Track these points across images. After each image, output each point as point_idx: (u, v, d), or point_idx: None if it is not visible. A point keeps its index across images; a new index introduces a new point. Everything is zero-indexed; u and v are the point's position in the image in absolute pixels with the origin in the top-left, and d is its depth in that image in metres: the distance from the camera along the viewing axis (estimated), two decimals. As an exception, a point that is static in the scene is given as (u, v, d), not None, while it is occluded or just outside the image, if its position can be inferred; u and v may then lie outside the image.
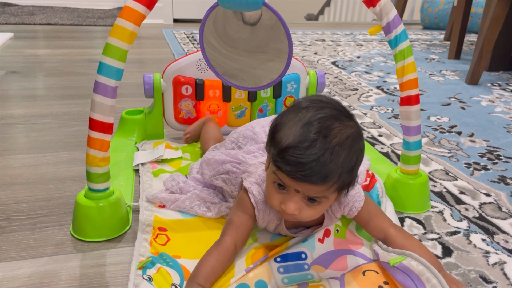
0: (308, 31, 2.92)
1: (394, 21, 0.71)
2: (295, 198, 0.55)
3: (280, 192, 0.56)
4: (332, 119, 0.53)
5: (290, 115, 0.55)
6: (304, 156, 0.51)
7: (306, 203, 0.55)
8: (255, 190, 0.63)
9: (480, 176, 0.95)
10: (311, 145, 0.51)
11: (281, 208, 0.56)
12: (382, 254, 0.61)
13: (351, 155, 0.53)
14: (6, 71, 1.64)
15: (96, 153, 0.65)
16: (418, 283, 0.54)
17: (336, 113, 0.54)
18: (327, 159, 0.51)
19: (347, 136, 0.53)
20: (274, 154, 0.54)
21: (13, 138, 1.06)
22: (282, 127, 0.54)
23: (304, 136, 0.51)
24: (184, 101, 1.03)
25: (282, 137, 0.53)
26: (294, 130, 0.52)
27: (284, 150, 0.52)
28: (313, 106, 0.54)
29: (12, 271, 0.61)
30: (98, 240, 0.69)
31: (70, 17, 2.94)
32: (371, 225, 0.64)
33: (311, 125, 0.52)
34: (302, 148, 0.51)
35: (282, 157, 0.52)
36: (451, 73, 1.90)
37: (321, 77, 1.10)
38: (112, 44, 0.62)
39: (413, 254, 0.57)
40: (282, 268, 0.59)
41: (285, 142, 0.52)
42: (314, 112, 0.53)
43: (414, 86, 0.74)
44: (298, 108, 0.55)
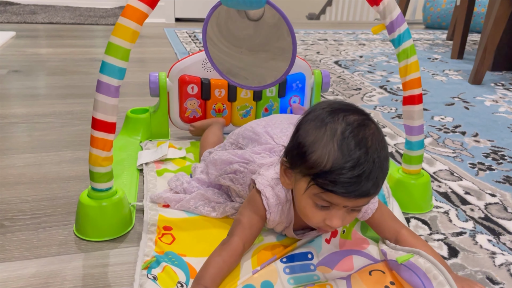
0: (310, 30, 2.91)
1: (398, 20, 0.70)
2: (340, 213, 0.54)
3: (322, 210, 0.55)
4: (360, 127, 0.52)
5: (315, 132, 0.53)
6: (355, 175, 0.50)
7: (348, 212, 0.55)
8: (268, 193, 0.62)
9: (485, 176, 0.95)
10: (357, 163, 0.50)
11: (324, 224, 0.55)
12: (390, 252, 0.60)
13: (386, 153, 0.54)
14: (8, 70, 1.64)
15: (99, 153, 0.65)
16: (425, 280, 0.54)
17: (361, 119, 0.53)
18: (377, 170, 0.51)
19: (378, 139, 0.53)
20: (316, 177, 0.52)
21: (16, 137, 1.06)
22: (313, 147, 0.52)
23: (346, 154, 0.50)
24: (189, 100, 1.03)
25: (320, 159, 0.51)
26: (330, 149, 0.51)
27: (329, 173, 0.50)
28: (335, 116, 0.53)
29: (16, 271, 0.61)
30: (101, 240, 0.69)
31: (72, 16, 2.94)
32: (383, 227, 0.64)
33: (347, 140, 0.51)
34: (350, 168, 0.50)
35: (330, 180, 0.51)
36: (454, 72, 1.90)
37: (326, 77, 1.09)
38: (114, 43, 0.62)
39: (420, 252, 0.57)
40: (288, 268, 0.59)
41: (328, 164, 0.50)
42: (341, 124, 0.52)
43: (417, 86, 0.73)
44: (321, 121, 0.53)
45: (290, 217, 0.64)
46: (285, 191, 0.63)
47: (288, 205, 0.63)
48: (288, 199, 0.63)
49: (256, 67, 0.82)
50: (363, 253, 0.63)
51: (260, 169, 0.68)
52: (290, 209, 0.63)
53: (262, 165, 0.69)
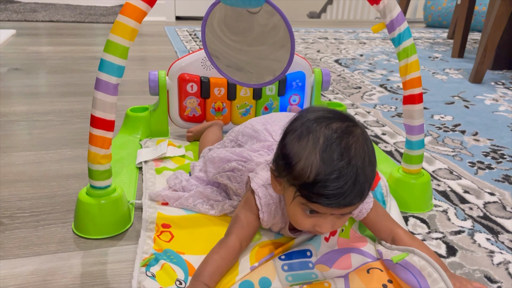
0: (311, 29, 2.91)
1: (398, 19, 0.70)
2: (329, 219, 0.54)
3: (311, 217, 0.55)
4: (344, 135, 0.52)
5: (299, 143, 0.53)
6: (339, 186, 0.50)
7: (337, 217, 0.55)
8: (261, 193, 0.62)
9: (484, 175, 0.95)
10: (340, 174, 0.50)
11: (314, 229, 0.56)
12: (385, 252, 0.60)
13: (372, 159, 0.53)
14: (9, 68, 1.64)
15: (97, 151, 0.65)
16: (420, 278, 0.54)
17: (345, 127, 0.53)
18: (361, 179, 0.51)
19: (362, 145, 0.52)
20: (301, 188, 0.52)
21: (16, 135, 1.06)
22: (297, 157, 0.52)
23: (329, 165, 0.50)
24: (189, 99, 1.03)
25: (303, 170, 0.51)
26: (313, 160, 0.51)
27: (313, 184, 0.50)
28: (319, 126, 0.53)
29: (15, 269, 0.61)
30: (100, 238, 0.69)
31: (72, 14, 2.94)
32: (378, 227, 0.64)
33: (330, 150, 0.50)
34: (333, 179, 0.50)
35: (314, 192, 0.51)
36: (454, 71, 1.90)
37: (327, 75, 1.09)
38: (113, 41, 0.62)
39: (415, 250, 0.57)
40: (287, 266, 0.59)
41: (311, 176, 0.50)
42: (324, 133, 0.52)
43: (418, 85, 0.73)
44: (305, 130, 0.53)
45: (285, 218, 0.64)
46: None
47: (282, 205, 0.63)
48: (281, 200, 0.63)
49: (261, 59, 0.81)
50: (361, 251, 0.63)
51: (257, 167, 0.68)
52: (284, 209, 0.63)
53: (260, 164, 0.69)
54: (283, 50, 0.78)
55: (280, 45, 0.77)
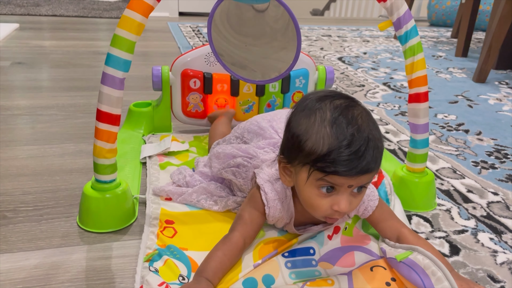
0: (314, 26, 2.90)
1: (405, 16, 0.70)
2: (345, 195, 0.54)
3: (328, 196, 0.55)
4: (348, 108, 0.53)
5: (306, 121, 0.54)
6: (353, 152, 0.51)
7: (353, 194, 0.55)
8: (267, 188, 0.62)
9: (487, 174, 0.95)
10: (352, 140, 0.51)
11: (332, 211, 0.55)
12: (389, 251, 0.60)
13: (378, 130, 0.54)
14: (12, 62, 1.64)
15: (103, 145, 0.65)
16: (423, 276, 0.54)
17: (348, 102, 0.54)
18: (372, 146, 0.52)
19: (367, 117, 0.54)
20: (315, 162, 0.52)
21: (19, 129, 1.06)
22: (307, 135, 0.53)
23: (340, 134, 0.51)
24: (192, 95, 1.03)
25: (315, 144, 0.52)
26: (324, 133, 0.52)
27: (328, 155, 0.51)
28: (322, 102, 0.54)
29: (18, 262, 0.61)
30: (104, 232, 0.69)
31: (75, 9, 2.94)
32: (384, 225, 0.64)
33: (338, 121, 0.52)
34: (346, 146, 0.51)
35: (330, 162, 0.51)
36: (458, 70, 1.89)
37: (330, 73, 1.09)
38: (120, 36, 0.62)
39: (418, 248, 0.57)
40: (290, 263, 0.59)
41: (324, 147, 0.51)
42: (329, 109, 0.53)
43: (423, 84, 0.73)
44: (309, 109, 0.54)
45: (290, 213, 0.64)
46: (284, 187, 0.63)
47: (288, 201, 0.63)
48: (287, 195, 0.63)
49: (265, 58, 0.81)
50: (365, 249, 0.63)
51: (263, 164, 0.68)
52: (290, 205, 0.63)
53: (266, 161, 0.69)
54: (288, 49, 0.78)
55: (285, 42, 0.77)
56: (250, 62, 0.81)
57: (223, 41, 0.79)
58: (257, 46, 0.79)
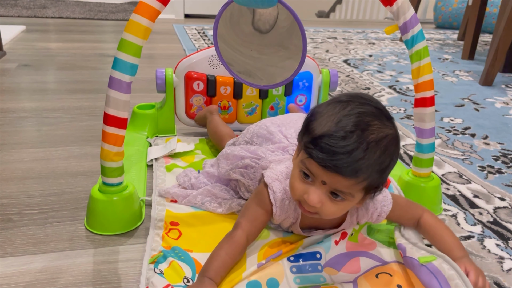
0: (320, 28, 2.90)
1: (412, 20, 0.69)
2: (319, 191, 0.53)
3: (304, 182, 0.54)
4: (372, 116, 0.51)
5: (329, 107, 0.53)
6: (338, 145, 0.49)
7: (329, 197, 0.54)
8: (275, 187, 0.62)
9: (494, 179, 0.94)
10: (346, 136, 0.50)
11: (303, 198, 0.54)
12: (410, 250, 0.60)
13: (385, 155, 0.51)
14: (18, 64, 1.65)
15: (110, 148, 0.65)
16: (445, 287, 0.53)
17: (377, 111, 0.53)
18: (361, 154, 0.50)
19: (385, 135, 0.51)
20: (307, 141, 0.52)
21: (25, 132, 1.07)
22: (319, 116, 0.53)
23: (341, 126, 0.50)
24: (195, 97, 1.03)
25: (318, 125, 0.52)
26: (331, 119, 0.51)
27: (318, 138, 0.51)
28: (354, 101, 0.53)
29: (23, 266, 0.62)
30: (112, 234, 0.69)
31: (81, 11, 2.95)
32: (405, 218, 0.65)
33: (350, 117, 0.51)
34: (337, 138, 0.50)
35: (315, 144, 0.51)
36: (464, 73, 1.88)
37: (334, 76, 1.09)
38: (127, 40, 0.62)
39: (445, 256, 0.57)
40: (295, 267, 0.59)
41: (320, 130, 0.51)
42: (354, 106, 0.52)
43: (430, 88, 0.72)
44: (338, 101, 0.54)
45: (297, 213, 0.64)
46: None
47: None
48: None
49: (269, 66, 0.81)
50: (371, 254, 0.63)
51: (271, 163, 0.68)
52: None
53: (274, 161, 0.69)
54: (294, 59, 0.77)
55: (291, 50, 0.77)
56: (255, 69, 0.81)
57: (229, 49, 0.79)
58: (264, 54, 0.79)
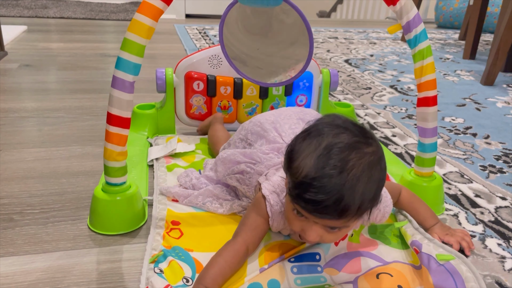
0: (321, 28, 2.90)
1: (415, 20, 0.69)
2: (315, 227, 0.53)
3: (300, 219, 0.54)
4: (348, 149, 0.50)
5: (305, 142, 0.52)
6: (319, 194, 0.48)
7: (326, 230, 0.54)
8: (272, 200, 0.62)
9: (495, 179, 0.94)
10: (327, 183, 0.48)
11: (302, 234, 0.55)
12: (426, 246, 0.60)
13: (370, 185, 0.50)
14: (20, 64, 1.65)
15: (114, 148, 0.65)
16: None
17: (353, 141, 0.51)
18: (344, 195, 0.48)
19: (364, 166, 0.50)
20: (291, 186, 0.52)
21: (26, 132, 1.07)
22: (297, 155, 0.52)
23: (319, 170, 0.49)
24: (195, 97, 1.03)
25: (298, 168, 0.51)
26: (309, 161, 0.50)
27: (300, 185, 0.50)
28: (328, 133, 0.51)
29: (25, 265, 0.62)
30: (115, 234, 0.69)
31: (83, 11, 2.95)
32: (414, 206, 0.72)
33: (327, 157, 0.49)
34: (317, 186, 0.48)
35: (297, 193, 0.50)
36: (466, 73, 1.88)
37: (335, 76, 1.09)
38: (130, 39, 0.62)
39: (464, 258, 0.58)
40: (296, 268, 0.59)
41: (300, 175, 0.50)
42: (330, 140, 0.50)
43: (432, 87, 0.72)
44: (315, 132, 0.53)
45: None
46: None
47: None
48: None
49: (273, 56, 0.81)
50: (371, 254, 0.63)
51: (267, 171, 0.68)
52: None
53: (270, 166, 0.68)
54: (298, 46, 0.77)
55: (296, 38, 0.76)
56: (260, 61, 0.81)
57: (233, 41, 0.79)
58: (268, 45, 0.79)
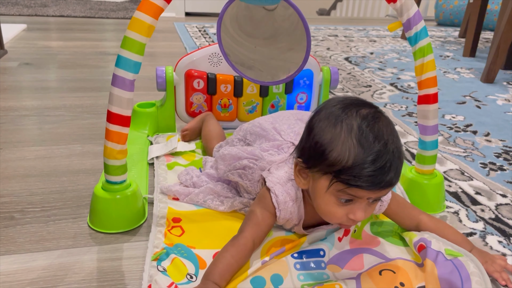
0: (321, 26, 2.89)
1: (415, 17, 0.69)
2: (363, 206, 0.55)
3: (345, 205, 0.55)
4: (374, 120, 0.53)
5: (332, 130, 0.54)
6: (379, 167, 0.51)
7: (368, 204, 0.56)
8: (277, 191, 0.62)
9: (496, 176, 0.94)
10: (378, 156, 0.51)
11: (347, 219, 0.56)
12: (436, 242, 0.61)
13: (400, 143, 0.55)
14: (20, 63, 1.65)
15: (114, 146, 0.65)
16: (466, 282, 0.55)
17: (370, 111, 0.55)
18: (396, 160, 0.52)
19: (391, 129, 0.54)
20: (338, 174, 0.53)
21: (27, 130, 1.07)
22: (332, 145, 0.53)
23: (366, 149, 0.51)
24: (195, 95, 1.03)
25: (340, 156, 0.52)
26: (350, 145, 0.52)
27: (352, 168, 0.51)
28: (349, 111, 0.54)
29: (26, 263, 0.62)
30: (115, 232, 0.69)
31: (82, 10, 2.95)
32: (402, 215, 0.66)
33: (365, 134, 0.52)
34: (372, 161, 0.51)
35: (354, 175, 0.51)
36: (466, 71, 1.88)
37: (335, 74, 1.08)
38: (130, 38, 0.62)
39: (473, 257, 0.59)
40: (299, 264, 0.59)
41: (349, 160, 0.51)
42: (356, 119, 0.53)
43: (433, 85, 0.73)
44: (335, 118, 0.54)
45: (300, 215, 0.64)
46: (295, 189, 0.63)
47: (298, 203, 0.63)
48: (298, 197, 0.63)
49: (270, 59, 0.81)
50: (374, 251, 0.63)
51: (269, 166, 0.68)
52: (301, 207, 0.63)
53: (271, 162, 0.68)
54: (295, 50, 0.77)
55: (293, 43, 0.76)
56: (257, 62, 0.81)
57: (231, 42, 0.79)
58: (265, 47, 0.79)
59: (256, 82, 0.83)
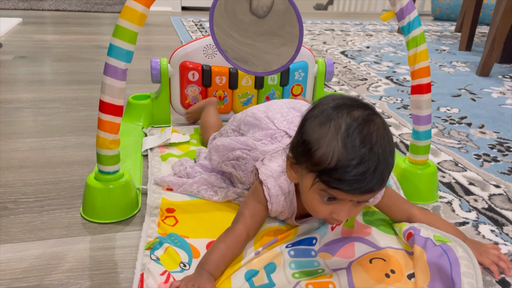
0: (317, 20, 2.89)
1: (408, 7, 0.69)
2: (346, 207, 0.54)
3: (328, 204, 0.54)
4: (364, 123, 0.51)
5: (320, 129, 0.52)
6: (361, 172, 0.50)
7: (354, 204, 0.54)
8: (270, 184, 0.62)
9: (489, 167, 0.94)
10: (362, 160, 0.49)
11: (331, 217, 0.55)
12: (425, 231, 0.61)
13: (391, 148, 0.53)
14: (15, 56, 1.64)
15: (106, 136, 0.65)
16: (454, 265, 0.55)
17: (363, 113, 0.52)
18: (381, 166, 0.51)
19: (384, 134, 0.52)
20: (321, 174, 0.52)
21: (22, 122, 1.07)
22: (318, 143, 0.52)
23: (350, 151, 0.50)
24: (190, 87, 1.03)
25: (324, 156, 0.51)
26: (334, 146, 0.50)
27: (334, 170, 0.50)
28: (340, 112, 0.52)
29: (19, 252, 0.62)
30: (108, 222, 0.69)
31: (78, 3, 2.94)
32: (393, 209, 0.66)
33: (351, 136, 0.50)
34: (355, 165, 0.49)
35: (335, 178, 0.50)
36: (461, 64, 1.88)
37: (330, 66, 1.08)
38: (122, 26, 0.62)
39: (462, 243, 0.59)
40: (293, 251, 0.59)
41: (332, 162, 0.50)
42: (346, 120, 0.51)
43: (426, 75, 0.72)
44: (325, 117, 0.53)
45: (292, 208, 0.64)
46: (288, 182, 0.63)
47: (290, 196, 0.63)
48: (290, 191, 0.63)
49: (265, 53, 0.81)
50: (365, 240, 0.63)
51: (263, 157, 0.68)
52: (293, 200, 0.63)
53: (265, 152, 0.68)
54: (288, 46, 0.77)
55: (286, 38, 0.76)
56: (251, 56, 0.81)
57: (225, 36, 0.79)
58: (258, 42, 0.79)
59: (250, 73, 0.83)
